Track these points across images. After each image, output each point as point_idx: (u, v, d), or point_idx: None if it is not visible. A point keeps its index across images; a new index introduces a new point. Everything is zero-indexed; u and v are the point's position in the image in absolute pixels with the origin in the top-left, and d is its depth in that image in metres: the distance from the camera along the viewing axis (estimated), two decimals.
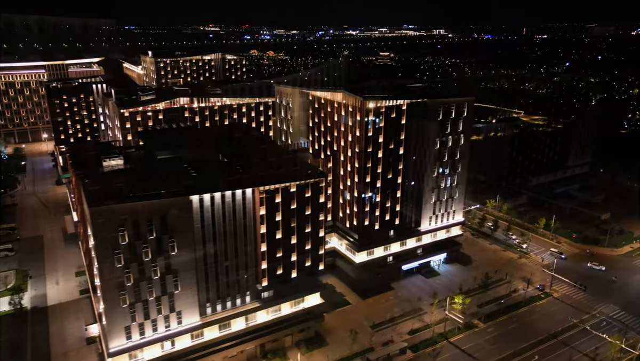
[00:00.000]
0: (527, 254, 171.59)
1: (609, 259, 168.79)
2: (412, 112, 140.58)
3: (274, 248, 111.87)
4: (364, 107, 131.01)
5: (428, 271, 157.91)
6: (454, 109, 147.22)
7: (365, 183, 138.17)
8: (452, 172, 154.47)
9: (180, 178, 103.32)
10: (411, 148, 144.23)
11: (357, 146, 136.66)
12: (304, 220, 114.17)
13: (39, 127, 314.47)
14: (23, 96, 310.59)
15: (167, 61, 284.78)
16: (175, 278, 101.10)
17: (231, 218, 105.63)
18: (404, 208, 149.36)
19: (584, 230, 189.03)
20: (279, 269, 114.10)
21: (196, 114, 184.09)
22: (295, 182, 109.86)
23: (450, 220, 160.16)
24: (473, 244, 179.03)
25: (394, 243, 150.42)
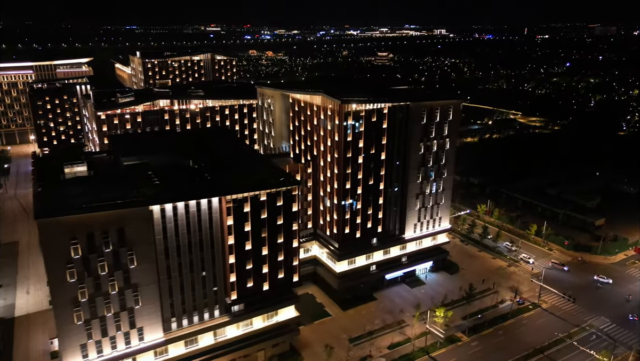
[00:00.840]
0: (517, 262, 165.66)
1: (601, 267, 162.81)
2: (394, 115, 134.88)
3: (243, 259, 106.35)
4: (342, 111, 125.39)
5: (413, 280, 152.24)
6: (438, 112, 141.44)
7: (345, 189, 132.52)
8: (437, 178, 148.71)
9: (142, 186, 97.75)
10: (394, 153, 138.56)
11: (336, 151, 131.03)
12: (276, 230, 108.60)
13: (27, 128, 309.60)
14: (10, 97, 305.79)
15: (154, 62, 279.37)
16: (136, 292, 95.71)
17: (196, 229, 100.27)
18: (387, 215, 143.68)
19: (577, 236, 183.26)
20: (249, 281, 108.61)
21: (176, 116, 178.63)
22: (266, 190, 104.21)
23: (436, 227, 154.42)
24: (462, 252, 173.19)
25: (377, 252, 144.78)
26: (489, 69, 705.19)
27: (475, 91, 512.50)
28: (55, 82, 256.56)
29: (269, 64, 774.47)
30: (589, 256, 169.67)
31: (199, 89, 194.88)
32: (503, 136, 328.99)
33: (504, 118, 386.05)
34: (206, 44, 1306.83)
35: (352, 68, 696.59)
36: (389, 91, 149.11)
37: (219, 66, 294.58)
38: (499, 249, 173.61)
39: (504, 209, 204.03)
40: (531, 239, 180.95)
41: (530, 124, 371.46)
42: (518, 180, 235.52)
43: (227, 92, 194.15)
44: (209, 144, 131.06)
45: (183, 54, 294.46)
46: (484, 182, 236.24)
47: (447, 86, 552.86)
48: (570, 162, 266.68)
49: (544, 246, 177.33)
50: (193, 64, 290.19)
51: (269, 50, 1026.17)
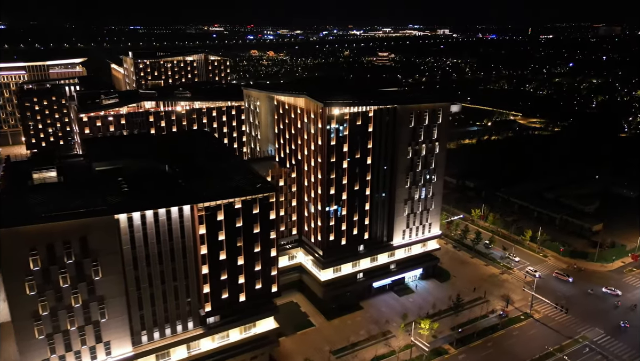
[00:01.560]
0: (510, 269, 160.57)
1: (597, 275, 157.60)
2: (380, 118, 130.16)
3: (218, 269, 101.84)
4: (325, 114, 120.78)
5: (401, 289, 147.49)
6: (427, 115, 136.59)
7: (329, 195, 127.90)
8: (426, 183, 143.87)
9: (109, 194, 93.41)
10: (380, 157, 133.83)
11: (319, 156, 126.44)
12: (253, 239, 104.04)
13: (20, 130, 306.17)
14: (2, 98, 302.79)
15: (146, 62, 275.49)
16: (102, 305, 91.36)
17: (167, 238, 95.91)
18: (374, 221, 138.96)
19: (574, 242, 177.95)
20: (224, 292, 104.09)
21: (162, 118, 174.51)
22: (240, 197, 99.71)
23: (426, 233, 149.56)
24: (454, 258, 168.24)
25: (364, 259, 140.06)
26: (491, 70, 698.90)
27: (476, 92, 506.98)
28: (45, 83, 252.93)
29: (269, 64, 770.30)
30: (585, 263, 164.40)
31: (187, 90, 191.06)
32: (502, 138, 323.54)
33: (503, 119, 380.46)
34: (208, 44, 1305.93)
35: (352, 68, 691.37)
36: (378, 93, 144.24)
37: (212, 67, 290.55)
38: (492, 255, 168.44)
39: (499, 214, 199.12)
40: (526, 245, 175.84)
41: (530, 126, 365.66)
42: (515, 183, 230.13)
43: (215, 94, 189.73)
44: (189, 148, 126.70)
45: (176, 55, 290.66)
46: (480, 185, 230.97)
47: (448, 87, 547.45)
48: (569, 165, 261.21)
49: (539, 252, 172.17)
50: (186, 64, 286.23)
51: (271, 50, 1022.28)
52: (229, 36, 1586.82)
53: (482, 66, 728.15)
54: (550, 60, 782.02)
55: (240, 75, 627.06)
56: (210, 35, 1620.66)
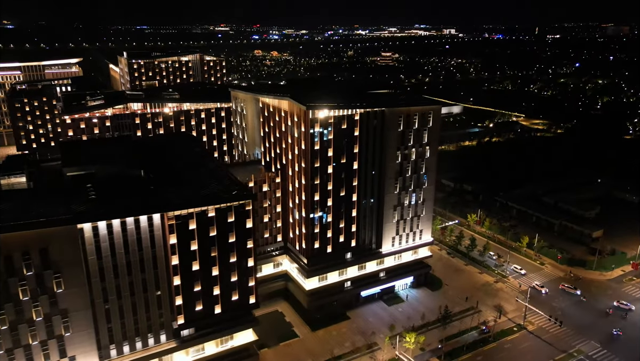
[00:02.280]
0: (504, 277, 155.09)
1: (595, 284, 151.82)
2: (367, 122, 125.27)
3: (191, 281, 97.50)
4: (307, 117, 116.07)
5: (391, 298, 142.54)
6: (417, 119, 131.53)
7: (313, 201, 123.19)
8: (417, 189, 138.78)
9: (75, 201, 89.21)
10: (368, 162, 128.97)
11: (303, 161, 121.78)
12: (228, 249, 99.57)
13: None
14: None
15: (140, 62, 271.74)
16: (65, 318, 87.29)
17: (136, 248, 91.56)
18: (362, 228, 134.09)
19: (573, 249, 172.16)
20: (198, 304, 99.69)
21: (148, 120, 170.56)
22: (214, 205, 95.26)
23: (417, 240, 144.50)
24: (447, 265, 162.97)
25: (351, 267, 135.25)
26: (496, 70, 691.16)
27: (479, 92, 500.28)
28: (37, 84, 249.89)
29: (272, 64, 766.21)
30: (583, 271, 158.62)
31: (177, 91, 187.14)
32: (503, 140, 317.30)
33: (505, 121, 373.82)
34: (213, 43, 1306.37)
35: (355, 69, 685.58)
36: (367, 96, 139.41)
37: (208, 67, 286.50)
38: (487, 263, 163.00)
39: (496, 219, 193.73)
40: (522, 252, 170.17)
41: (533, 127, 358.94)
42: (515, 187, 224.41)
43: (204, 95, 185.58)
44: (167, 153, 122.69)
45: (171, 55, 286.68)
46: (477, 189, 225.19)
47: (451, 87, 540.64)
48: (571, 168, 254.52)
49: (535, 259, 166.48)
50: (181, 64, 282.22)
51: (276, 50, 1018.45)
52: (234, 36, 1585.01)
53: (487, 66, 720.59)
54: (556, 60, 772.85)
55: (242, 75, 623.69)
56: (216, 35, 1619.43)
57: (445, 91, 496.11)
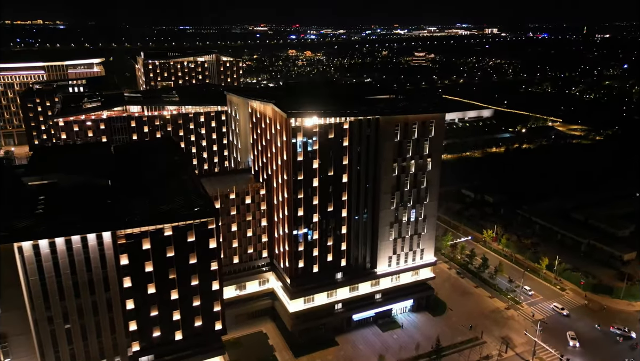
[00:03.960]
0: (517, 303, 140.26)
1: (621, 316, 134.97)
2: (359, 131, 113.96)
3: (146, 304, 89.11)
4: (289, 125, 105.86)
5: (386, 322, 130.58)
6: (416, 128, 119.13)
7: (297, 217, 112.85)
8: (417, 204, 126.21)
9: (20, 216, 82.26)
10: (360, 175, 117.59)
11: (285, 172, 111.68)
12: (188, 271, 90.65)
13: None
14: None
15: (156, 63, 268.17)
16: (4, 343, 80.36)
17: (84, 268, 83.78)
18: (354, 246, 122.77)
19: (600, 273, 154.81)
20: (155, 330, 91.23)
21: (145, 123, 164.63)
22: (171, 223, 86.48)
23: (417, 260, 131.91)
24: (455, 287, 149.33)
25: (342, 288, 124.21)
26: (536, 71, 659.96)
27: (516, 95, 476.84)
28: (52, 84, 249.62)
29: (304, 64, 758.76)
30: (608, 300, 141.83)
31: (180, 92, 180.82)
32: (534, 147, 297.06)
33: (540, 126, 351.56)
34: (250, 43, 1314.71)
35: (386, 69, 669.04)
36: (364, 101, 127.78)
37: (224, 68, 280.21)
38: (500, 285, 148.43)
39: (516, 235, 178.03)
40: (542, 274, 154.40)
41: (570, 133, 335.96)
42: (542, 199, 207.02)
43: (209, 97, 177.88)
44: (144, 160, 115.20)
45: (187, 55, 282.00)
46: (499, 201, 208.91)
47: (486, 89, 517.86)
48: (607, 180, 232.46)
49: (555, 284, 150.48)
50: (197, 65, 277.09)
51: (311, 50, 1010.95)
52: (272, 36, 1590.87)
53: (527, 67, 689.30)
54: (603, 61, 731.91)
55: (272, 75, 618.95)
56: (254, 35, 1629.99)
57: (479, 92, 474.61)
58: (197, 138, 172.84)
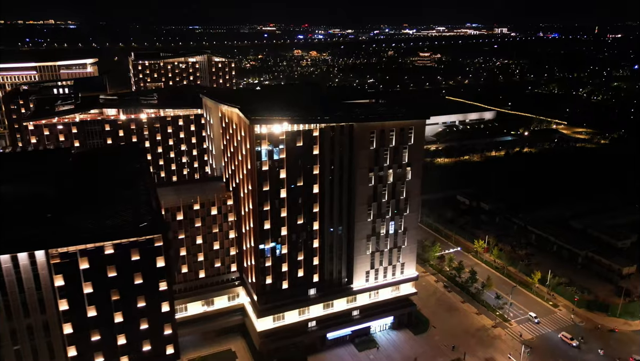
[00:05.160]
0: (506, 321, 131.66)
1: (617, 336, 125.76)
2: (331, 138, 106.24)
3: (85, 328, 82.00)
4: (252, 132, 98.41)
5: (363, 341, 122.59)
6: (394, 135, 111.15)
7: (262, 230, 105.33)
8: (396, 216, 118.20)
9: None
10: (333, 185, 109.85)
11: (249, 183, 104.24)
12: (134, 292, 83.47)
13: None
14: None
15: (145, 63, 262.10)
16: None
17: (15, 290, 76.93)
18: (327, 261, 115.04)
19: (597, 288, 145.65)
20: (97, 355, 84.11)
21: (120, 127, 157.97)
22: (111, 241, 79.33)
23: (397, 275, 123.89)
24: (440, 302, 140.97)
25: (315, 305, 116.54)
26: (544, 72, 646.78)
27: (521, 96, 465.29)
28: (37, 85, 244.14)
29: (308, 64, 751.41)
30: (603, 318, 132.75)
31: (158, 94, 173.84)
32: (536, 151, 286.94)
33: (543, 128, 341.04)
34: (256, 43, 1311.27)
35: (390, 69, 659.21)
36: (342, 106, 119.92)
37: (216, 68, 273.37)
38: (489, 301, 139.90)
39: (510, 246, 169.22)
40: (534, 289, 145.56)
41: (574, 137, 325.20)
42: (540, 207, 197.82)
43: (187, 100, 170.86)
44: (102, 168, 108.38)
45: (178, 56, 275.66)
46: (496, 208, 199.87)
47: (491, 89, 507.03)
48: (611, 187, 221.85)
49: (548, 300, 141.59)
50: (188, 66, 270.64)
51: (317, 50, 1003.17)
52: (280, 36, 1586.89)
53: (534, 68, 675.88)
54: (613, 61, 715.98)
55: (274, 76, 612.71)
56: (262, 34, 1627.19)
57: (483, 93, 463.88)
58: (175, 143, 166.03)
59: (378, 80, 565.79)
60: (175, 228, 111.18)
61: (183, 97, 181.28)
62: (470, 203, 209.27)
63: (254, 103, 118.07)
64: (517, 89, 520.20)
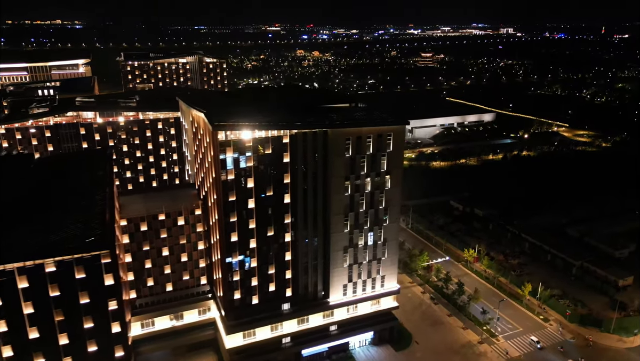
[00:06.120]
0: (493, 337, 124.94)
1: (609, 354, 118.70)
2: (303, 145, 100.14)
3: (27, 351, 76.34)
4: (216, 139, 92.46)
5: (341, 358, 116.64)
6: (371, 142, 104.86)
7: (229, 243, 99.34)
8: (375, 226, 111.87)
9: None
10: (307, 195, 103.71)
11: (214, 193, 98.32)
12: (79, 312, 77.74)
13: None
14: None
15: (134, 64, 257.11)
16: None
17: None
18: (301, 274, 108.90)
19: (592, 301, 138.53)
20: None
21: (95, 131, 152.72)
22: (51, 259, 73.60)
23: (377, 288, 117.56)
24: (426, 315, 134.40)
25: (289, 320, 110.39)
26: (547, 72, 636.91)
27: (523, 97, 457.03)
28: (23, 86, 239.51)
29: (310, 64, 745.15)
30: (597, 334, 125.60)
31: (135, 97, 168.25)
32: (535, 154, 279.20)
33: (543, 131, 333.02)
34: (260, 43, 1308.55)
35: (390, 70, 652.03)
36: (317, 111, 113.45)
37: (207, 69, 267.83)
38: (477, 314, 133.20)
39: (503, 254, 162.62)
40: (524, 302, 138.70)
41: (575, 139, 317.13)
42: (536, 213, 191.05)
43: (165, 103, 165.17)
44: (61, 176, 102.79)
45: (168, 57, 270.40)
46: (489, 215, 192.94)
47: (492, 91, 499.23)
48: (611, 192, 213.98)
49: (539, 313, 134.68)
50: (178, 67, 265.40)
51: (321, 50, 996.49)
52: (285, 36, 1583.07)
53: (539, 68, 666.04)
54: (619, 62, 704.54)
55: (274, 76, 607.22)
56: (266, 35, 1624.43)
57: (484, 95, 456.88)
58: (154, 146, 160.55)
59: (378, 81, 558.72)
60: (139, 239, 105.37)
61: (170, 99, 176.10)
62: (463, 208, 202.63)
63: (228, 107, 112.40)
64: (520, 90, 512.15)
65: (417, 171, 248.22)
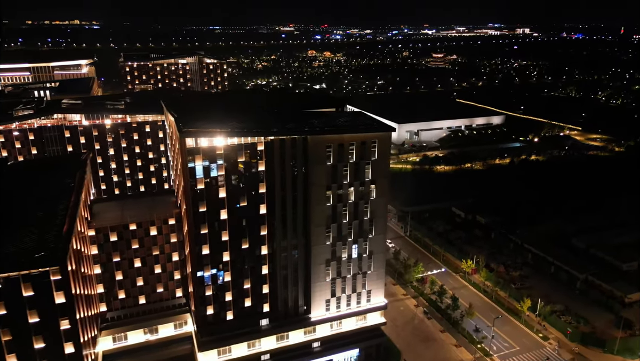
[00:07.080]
0: (488, 356, 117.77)
1: None
2: (280, 153, 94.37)
3: None
4: (184, 146, 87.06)
5: None
6: (354, 150, 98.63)
7: (199, 256, 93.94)
8: (359, 238, 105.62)
9: None
10: (286, 205, 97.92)
11: (184, 202, 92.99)
12: (28, 332, 72.80)
13: None
14: None
15: (134, 65, 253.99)
16: None
17: None
18: (280, 288, 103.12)
19: (595, 318, 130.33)
20: None
21: (81, 134, 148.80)
22: None
23: (363, 304, 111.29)
24: (417, 331, 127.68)
25: (268, 337, 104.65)
26: (562, 74, 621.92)
27: (536, 99, 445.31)
28: (20, 87, 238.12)
29: (320, 65, 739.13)
30: (599, 355, 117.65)
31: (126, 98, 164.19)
32: (544, 159, 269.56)
33: (554, 134, 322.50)
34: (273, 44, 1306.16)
35: (401, 71, 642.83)
36: (297, 116, 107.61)
37: (207, 70, 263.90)
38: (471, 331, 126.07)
39: (504, 265, 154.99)
40: (522, 318, 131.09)
41: (588, 144, 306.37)
42: (542, 221, 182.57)
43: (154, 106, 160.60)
44: (28, 183, 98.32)
45: (168, 57, 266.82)
46: (492, 223, 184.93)
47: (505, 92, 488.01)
48: (623, 200, 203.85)
49: (537, 331, 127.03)
50: (178, 68, 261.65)
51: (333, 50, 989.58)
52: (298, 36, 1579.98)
53: (554, 69, 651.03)
54: (638, 63, 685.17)
55: (283, 77, 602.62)
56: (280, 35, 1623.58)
57: (495, 96, 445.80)
58: (142, 150, 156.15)
59: (388, 81, 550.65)
60: (108, 249, 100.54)
61: (155, 101, 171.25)
62: (465, 215, 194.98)
63: (205, 111, 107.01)
64: (533, 91, 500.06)
65: (420, 175, 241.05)
